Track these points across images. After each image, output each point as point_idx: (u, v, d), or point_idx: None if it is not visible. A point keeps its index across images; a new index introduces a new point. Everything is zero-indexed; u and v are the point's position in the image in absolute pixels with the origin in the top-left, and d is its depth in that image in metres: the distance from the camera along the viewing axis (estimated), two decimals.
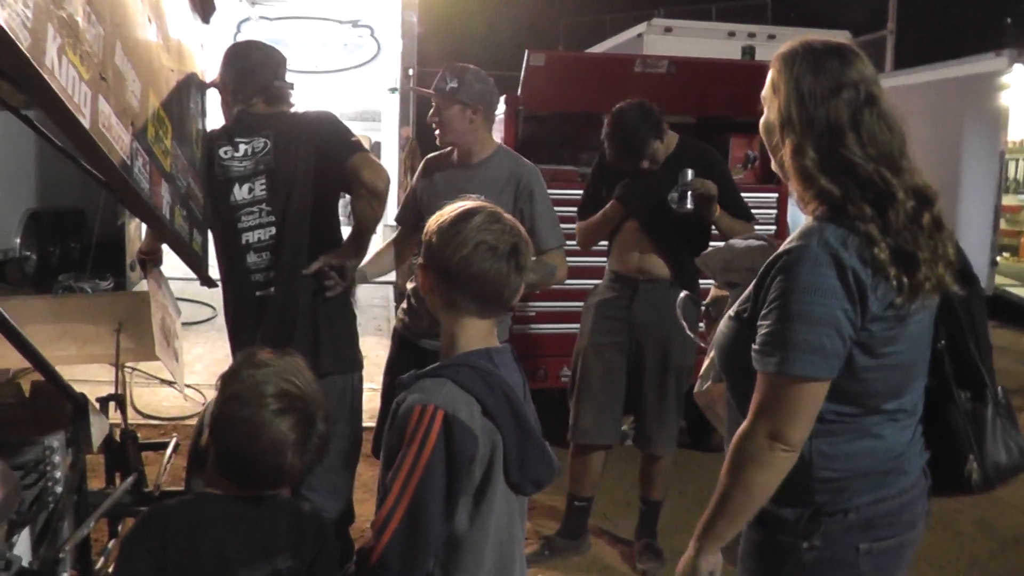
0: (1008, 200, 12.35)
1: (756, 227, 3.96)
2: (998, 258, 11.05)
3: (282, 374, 1.79)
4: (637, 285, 3.96)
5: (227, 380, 1.82)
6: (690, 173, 3.68)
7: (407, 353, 3.50)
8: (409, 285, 3.55)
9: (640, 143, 3.80)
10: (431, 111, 3.47)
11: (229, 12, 9.45)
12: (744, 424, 1.75)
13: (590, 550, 4.19)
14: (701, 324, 2.50)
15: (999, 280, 10.99)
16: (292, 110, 3.28)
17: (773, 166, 1.89)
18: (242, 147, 3.14)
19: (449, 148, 3.55)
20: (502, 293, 1.79)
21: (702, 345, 2.46)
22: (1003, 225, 11.40)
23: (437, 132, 3.47)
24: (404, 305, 3.64)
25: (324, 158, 3.10)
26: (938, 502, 1.96)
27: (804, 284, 1.67)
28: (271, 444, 1.74)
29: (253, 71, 3.20)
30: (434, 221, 1.83)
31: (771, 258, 1.76)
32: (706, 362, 2.25)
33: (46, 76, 1.26)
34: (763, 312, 1.73)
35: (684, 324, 2.57)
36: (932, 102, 11.74)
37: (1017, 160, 13.24)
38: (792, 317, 1.67)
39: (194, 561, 1.74)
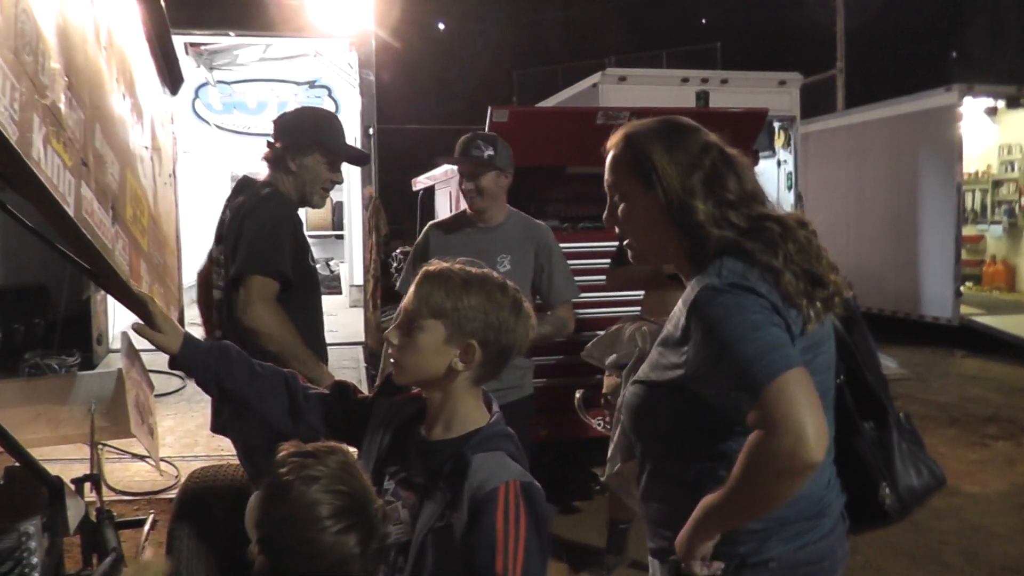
0: (968, 231, 12.57)
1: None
2: (962, 288, 11.20)
3: (331, 485, 1.64)
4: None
5: (273, 496, 1.66)
6: None
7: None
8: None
9: None
10: (462, 178, 3.64)
11: (187, 77, 9.51)
12: (761, 442, 1.57)
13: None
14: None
15: (964, 309, 11.05)
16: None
17: (634, 256, 1.97)
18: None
19: (458, 212, 3.81)
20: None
21: (603, 431, 2.50)
22: (964, 255, 11.55)
23: (469, 199, 3.63)
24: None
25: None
26: (922, 535, 1.97)
27: (725, 311, 1.66)
28: (337, 563, 1.63)
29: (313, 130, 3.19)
30: None
31: (684, 315, 1.74)
32: (611, 448, 2.27)
33: (34, 168, 1.24)
34: (705, 367, 1.68)
35: (591, 421, 2.60)
36: (887, 138, 11.97)
37: (973, 191, 13.53)
38: (735, 340, 1.62)
39: None
